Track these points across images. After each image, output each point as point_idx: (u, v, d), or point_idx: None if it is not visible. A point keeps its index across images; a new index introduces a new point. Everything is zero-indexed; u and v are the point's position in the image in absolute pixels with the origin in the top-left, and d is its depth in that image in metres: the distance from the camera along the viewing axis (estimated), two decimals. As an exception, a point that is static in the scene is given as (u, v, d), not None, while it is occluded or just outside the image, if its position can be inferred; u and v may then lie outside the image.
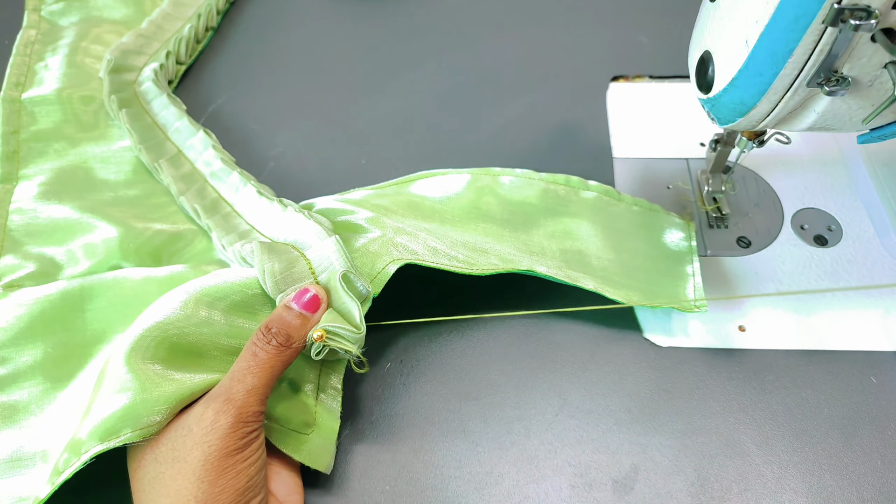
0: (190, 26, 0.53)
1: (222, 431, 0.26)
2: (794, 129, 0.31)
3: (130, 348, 0.28)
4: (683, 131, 0.47)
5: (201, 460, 0.25)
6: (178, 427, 0.27)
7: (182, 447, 0.26)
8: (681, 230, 0.40)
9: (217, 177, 0.42)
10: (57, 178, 0.42)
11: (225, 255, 0.38)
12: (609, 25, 0.55)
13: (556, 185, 0.41)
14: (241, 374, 0.28)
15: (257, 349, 0.28)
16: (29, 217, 0.40)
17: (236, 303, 0.32)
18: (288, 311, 0.30)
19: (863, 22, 0.24)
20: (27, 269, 0.38)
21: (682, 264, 0.39)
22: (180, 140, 0.45)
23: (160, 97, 0.47)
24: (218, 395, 0.27)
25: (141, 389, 0.27)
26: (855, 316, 0.38)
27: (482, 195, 0.40)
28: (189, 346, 0.30)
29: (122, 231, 0.39)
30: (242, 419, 0.27)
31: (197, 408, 0.27)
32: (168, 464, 0.26)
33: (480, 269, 0.35)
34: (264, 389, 0.28)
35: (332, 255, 0.33)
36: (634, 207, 0.41)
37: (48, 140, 0.44)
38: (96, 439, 0.26)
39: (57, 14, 0.53)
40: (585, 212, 0.40)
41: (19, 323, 0.34)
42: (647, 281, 0.38)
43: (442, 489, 0.33)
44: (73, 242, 0.39)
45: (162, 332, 0.29)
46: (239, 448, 0.26)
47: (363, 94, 0.51)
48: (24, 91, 0.47)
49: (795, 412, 0.35)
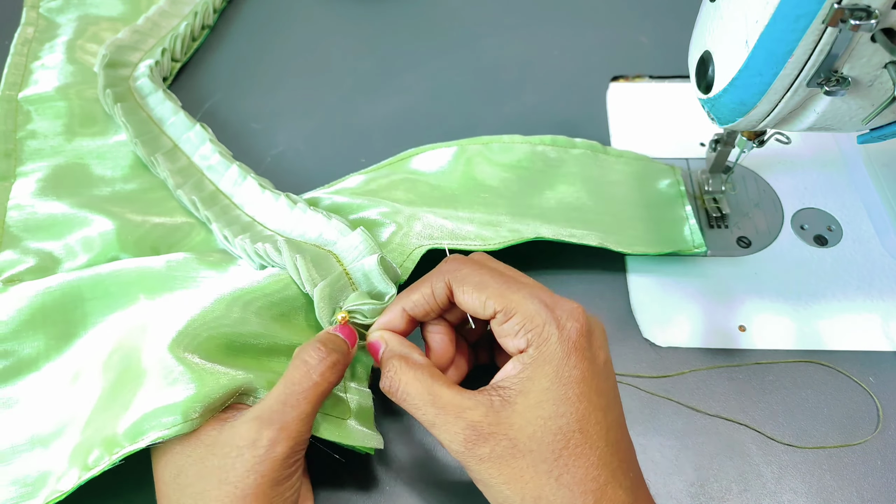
0: (186, 24, 0.53)
1: (278, 462, 0.25)
2: (794, 129, 0.31)
3: (173, 341, 0.29)
4: (683, 131, 0.47)
5: (252, 487, 0.25)
6: (225, 446, 0.26)
7: (233, 470, 0.25)
8: (667, 176, 0.43)
9: (214, 170, 0.42)
10: (54, 175, 0.43)
11: (227, 245, 0.38)
12: (609, 25, 0.55)
13: (544, 146, 0.43)
14: (294, 399, 0.26)
15: (311, 368, 0.27)
16: (27, 213, 0.40)
17: (271, 304, 0.33)
18: (337, 337, 0.30)
19: (863, 22, 0.24)
20: (27, 263, 0.38)
21: (676, 208, 0.41)
22: (176, 134, 0.45)
23: (156, 93, 0.47)
24: (272, 420, 0.26)
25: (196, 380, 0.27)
26: (855, 316, 0.38)
27: (474, 164, 0.42)
28: (228, 344, 0.30)
29: (118, 224, 0.39)
30: (296, 449, 0.26)
31: (247, 430, 0.26)
32: (214, 485, 0.25)
33: (493, 244, 0.37)
34: (315, 415, 0.27)
35: (360, 244, 0.34)
36: (621, 158, 0.44)
37: (45, 137, 0.45)
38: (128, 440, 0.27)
39: (55, 11, 0.53)
40: (576, 169, 0.43)
41: (20, 316, 0.34)
42: (645, 229, 0.40)
43: (442, 489, 0.33)
44: (71, 236, 0.39)
45: (201, 329, 0.30)
46: (287, 476, 0.26)
47: (363, 93, 0.51)
48: (21, 90, 0.47)
49: (795, 412, 0.35)
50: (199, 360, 0.29)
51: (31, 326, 0.34)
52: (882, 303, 0.38)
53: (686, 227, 0.40)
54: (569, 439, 0.25)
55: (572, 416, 0.25)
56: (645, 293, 0.39)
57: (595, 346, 0.27)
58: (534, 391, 0.25)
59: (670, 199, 0.41)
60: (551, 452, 0.25)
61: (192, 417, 0.26)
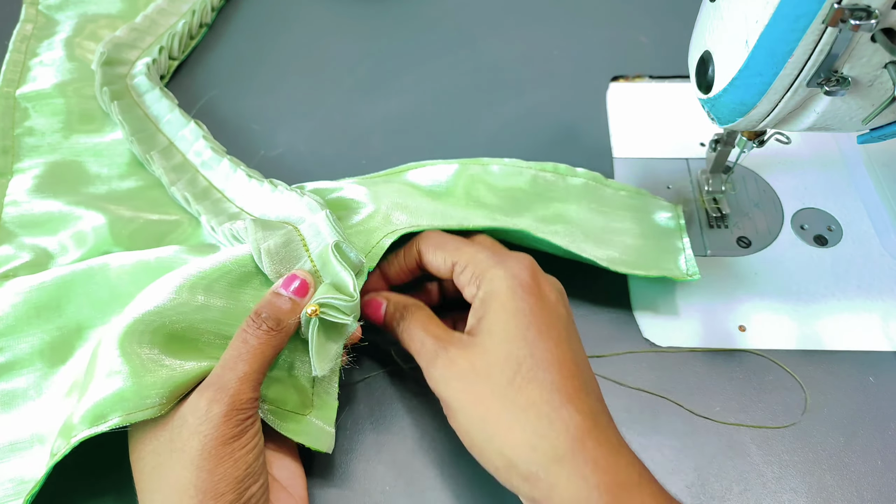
0: (184, 22, 0.53)
1: (217, 420, 0.26)
2: (794, 129, 0.31)
3: (124, 333, 0.28)
4: (683, 131, 0.47)
5: (198, 449, 0.26)
6: (175, 417, 0.27)
7: (179, 437, 0.26)
8: (668, 211, 0.42)
9: (208, 166, 0.43)
10: (51, 172, 0.43)
11: (214, 237, 0.38)
12: (609, 25, 0.55)
13: (545, 172, 0.43)
14: (232, 361, 0.28)
15: (248, 335, 0.28)
16: (23, 209, 0.41)
17: (232, 282, 0.32)
18: (277, 297, 0.30)
19: (863, 22, 0.24)
20: (22, 259, 0.38)
21: (673, 239, 0.40)
22: (172, 131, 0.45)
23: (153, 91, 0.47)
24: (210, 383, 0.27)
25: (132, 374, 0.27)
26: (854, 316, 0.38)
27: (472, 183, 0.41)
28: (184, 333, 0.30)
29: (112, 220, 0.39)
30: (236, 407, 0.27)
31: (192, 398, 0.27)
32: (166, 454, 0.26)
33: (474, 223, 0.36)
34: (256, 375, 0.28)
35: (323, 228, 0.33)
36: (622, 192, 0.43)
37: (42, 134, 0.45)
38: (86, 423, 0.26)
39: (54, 8, 0.53)
40: (574, 196, 0.42)
41: (15, 311, 0.34)
42: (639, 255, 0.39)
43: (442, 489, 0.33)
44: (65, 232, 0.39)
45: (157, 318, 0.29)
46: (235, 436, 0.26)
47: (362, 93, 0.51)
48: (19, 87, 0.47)
49: (795, 412, 0.35)
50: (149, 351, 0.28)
51: (26, 322, 0.34)
52: (882, 303, 0.38)
53: (681, 257, 0.39)
54: (520, 363, 0.27)
55: (522, 341, 0.28)
56: (645, 293, 0.39)
57: (545, 289, 0.30)
58: (486, 324, 0.29)
59: (668, 231, 0.40)
60: (505, 376, 0.27)
61: (161, 402, 0.27)
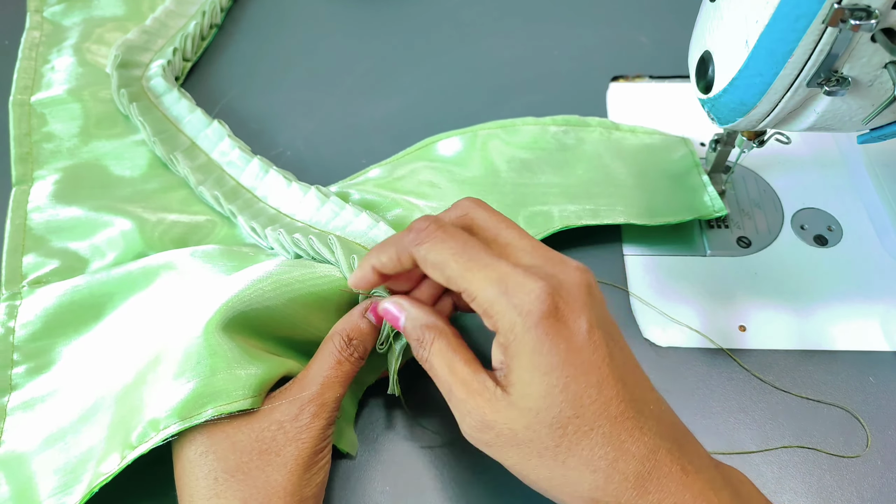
0: (195, 23, 0.53)
1: (316, 432, 0.28)
2: (794, 129, 0.31)
3: (206, 326, 0.29)
4: (683, 131, 0.47)
5: (294, 455, 0.28)
6: (263, 420, 0.28)
7: (273, 441, 0.28)
8: (680, 147, 0.44)
9: (234, 165, 0.43)
10: (73, 176, 0.42)
11: (255, 238, 0.38)
12: (609, 25, 0.55)
13: (557, 126, 0.45)
14: (331, 382, 0.30)
15: (342, 359, 0.30)
16: (48, 215, 0.40)
17: (313, 294, 0.33)
18: (366, 323, 0.31)
19: (863, 22, 0.24)
20: (51, 265, 0.38)
21: (692, 176, 0.42)
22: (193, 132, 0.45)
23: (170, 92, 0.47)
24: (312, 399, 0.29)
25: (224, 366, 0.28)
26: (854, 316, 0.38)
27: (489, 148, 0.44)
28: (264, 327, 0.31)
29: (140, 223, 0.39)
30: (331, 422, 0.29)
31: (288, 407, 0.29)
32: (254, 454, 0.28)
33: None
34: (343, 397, 0.30)
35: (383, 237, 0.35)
36: (634, 133, 0.45)
37: (61, 140, 0.45)
38: (176, 416, 0.27)
39: (59, 15, 0.53)
40: (591, 147, 0.44)
41: (47, 315, 0.35)
42: (666, 198, 0.41)
43: (442, 489, 0.33)
44: (96, 237, 0.39)
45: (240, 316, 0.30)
46: (324, 447, 0.29)
47: (363, 93, 0.51)
48: (33, 94, 0.47)
49: (795, 412, 0.35)
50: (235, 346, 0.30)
51: (60, 325, 0.35)
52: (882, 303, 0.38)
53: (705, 194, 0.41)
54: (566, 427, 0.24)
55: (563, 404, 0.24)
56: (645, 293, 0.39)
57: (568, 317, 0.25)
58: (517, 384, 0.25)
59: (686, 169, 0.43)
60: (551, 440, 0.24)
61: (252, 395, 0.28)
